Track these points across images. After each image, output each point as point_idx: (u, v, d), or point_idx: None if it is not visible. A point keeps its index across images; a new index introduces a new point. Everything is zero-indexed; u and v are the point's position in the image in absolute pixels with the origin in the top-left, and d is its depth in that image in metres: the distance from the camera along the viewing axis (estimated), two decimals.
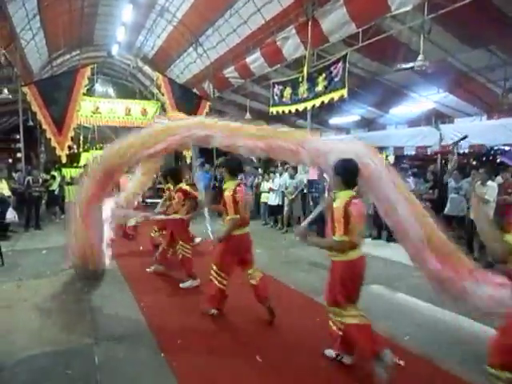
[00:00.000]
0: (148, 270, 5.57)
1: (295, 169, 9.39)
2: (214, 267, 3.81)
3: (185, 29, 13.09)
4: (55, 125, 10.65)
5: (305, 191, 8.92)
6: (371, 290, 4.89)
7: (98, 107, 13.47)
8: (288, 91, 8.89)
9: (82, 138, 18.22)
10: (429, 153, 11.23)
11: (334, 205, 2.88)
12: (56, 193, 10.33)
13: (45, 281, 5.22)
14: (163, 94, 12.97)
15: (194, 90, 14.41)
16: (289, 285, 5.12)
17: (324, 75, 7.68)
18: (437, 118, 10.02)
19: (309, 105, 8.17)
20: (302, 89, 8.37)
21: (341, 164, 2.95)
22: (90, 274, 4.67)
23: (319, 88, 7.83)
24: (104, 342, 3.43)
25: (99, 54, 17.87)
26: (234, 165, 3.94)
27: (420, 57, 6.41)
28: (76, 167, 15.17)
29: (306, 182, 8.86)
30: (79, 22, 13.46)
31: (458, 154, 11.80)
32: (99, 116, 13.53)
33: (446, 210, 7.50)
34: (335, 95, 7.37)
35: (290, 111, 8.86)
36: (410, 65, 6.84)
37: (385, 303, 4.49)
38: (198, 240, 6.66)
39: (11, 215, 7.89)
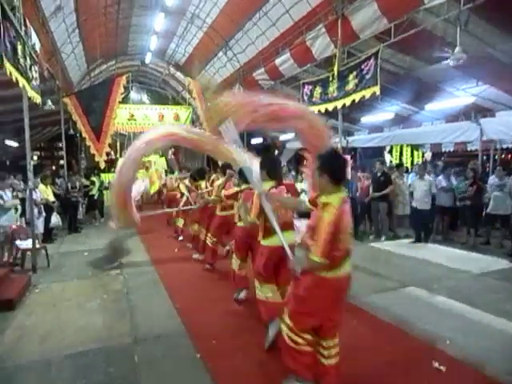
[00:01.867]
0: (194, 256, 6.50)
1: None
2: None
3: (215, 34, 13.30)
4: (94, 132, 11.19)
5: None
6: (408, 292, 4.76)
7: (132, 114, 14.01)
8: (318, 91, 8.79)
9: (118, 144, 18.96)
10: (469, 149, 10.73)
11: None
12: (95, 197, 10.81)
13: (87, 281, 5.48)
14: (195, 99, 13.27)
15: None
16: None
17: (355, 73, 7.53)
18: (477, 112, 9.54)
19: (339, 104, 8.02)
20: (332, 88, 8.25)
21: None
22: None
23: (350, 86, 7.68)
24: (143, 341, 3.54)
25: (133, 63, 18.54)
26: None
27: (457, 49, 6.13)
28: (114, 172, 15.80)
29: None
30: (114, 34, 14.01)
31: (502, 149, 11.23)
32: (134, 123, 14.06)
33: (490, 208, 7.14)
34: (366, 93, 7.19)
35: (319, 111, 8.74)
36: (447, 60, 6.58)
37: (423, 306, 4.32)
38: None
39: (55, 220, 8.35)
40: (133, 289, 5.09)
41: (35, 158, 26.53)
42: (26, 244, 6.16)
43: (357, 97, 7.47)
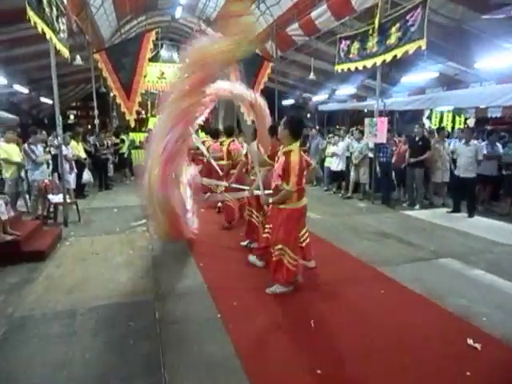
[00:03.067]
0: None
1: (362, 132, 8.78)
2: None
3: None
4: (124, 90, 11.06)
5: (370, 155, 8.35)
6: (443, 264, 4.48)
7: (163, 72, 13.74)
8: (356, 46, 8.13)
9: (149, 103, 18.92)
10: None
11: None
12: (125, 156, 10.92)
13: (114, 237, 5.58)
14: None
15: (256, 51, 13.96)
16: (350, 253, 4.87)
17: (398, 25, 6.82)
18: None
19: (378, 60, 7.38)
20: (372, 42, 7.57)
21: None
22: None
23: (391, 40, 7.00)
24: (164, 298, 3.54)
25: (164, 18, 17.99)
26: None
27: None
28: (144, 131, 15.91)
29: (372, 145, 8.27)
30: None
31: None
32: (164, 81, 13.79)
33: None
34: (410, 47, 6.52)
35: (356, 68, 8.11)
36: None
37: (458, 279, 4.06)
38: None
39: (87, 176, 8.52)
40: (158, 245, 5.13)
41: (72, 117, 27.22)
42: (57, 198, 6.32)
43: (399, 52, 6.83)
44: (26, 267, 4.28)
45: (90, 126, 20.59)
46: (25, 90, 12.54)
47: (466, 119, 13.83)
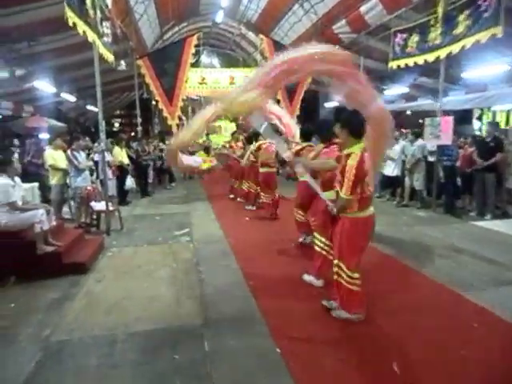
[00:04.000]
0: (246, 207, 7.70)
1: (415, 134, 7.96)
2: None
3: None
4: (166, 95, 10.98)
5: (430, 159, 7.55)
6: None
7: (203, 78, 13.62)
8: (414, 39, 7.40)
9: (190, 109, 18.99)
10: None
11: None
12: None
13: (157, 247, 5.26)
14: (266, 58, 12.36)
15: None
16: (421, 271, 4.20)
17: (467, 12, 6.05)
18: None
19: (442, 53, 6.61)
20: (434, 34, 6.82)
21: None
22: None
23: (459, 30, 6.23)
24: (213, 324, 3.08)
25: (205, 24, 18.00)
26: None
27: None
28: None
29: (430, 147, 7.47)
30: None
31: None
32: (205, 86, 13.70)
33: None
34: (482, 36, 5.73)
35: (415, 63, 7.37)
36: None
37: None
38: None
39: (130, 182, 8.38)
40: (203, 259, 4.73)
41: (116, 124, 28.15)
42: (100, 206, 6.14)
43: (468, 42, 6.05)
44: (67, 280, 4.01)
45: (133, 133, 21.04)
46: (72, 99, 12.83)
47: None
